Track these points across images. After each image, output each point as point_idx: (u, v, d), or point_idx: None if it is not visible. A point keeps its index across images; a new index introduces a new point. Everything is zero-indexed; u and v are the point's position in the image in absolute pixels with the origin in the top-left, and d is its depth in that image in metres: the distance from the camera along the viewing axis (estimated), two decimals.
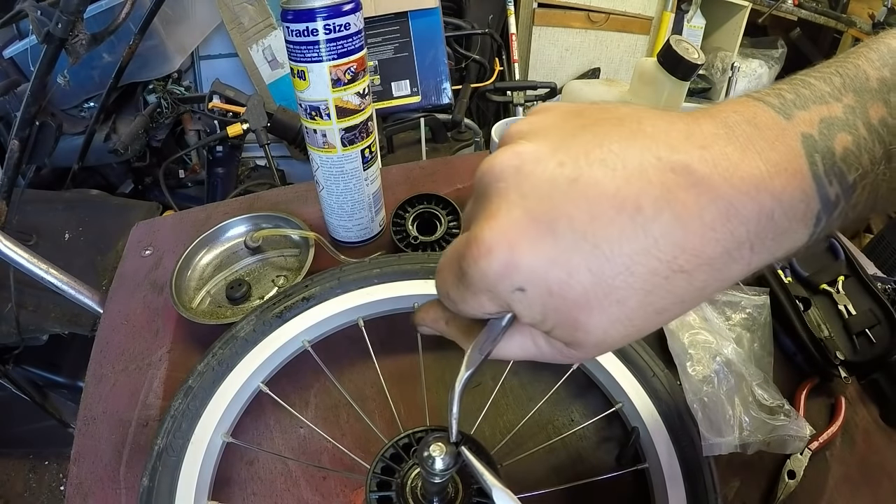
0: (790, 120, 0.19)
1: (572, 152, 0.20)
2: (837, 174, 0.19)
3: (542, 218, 0.19)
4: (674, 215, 0.19)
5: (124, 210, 1.15)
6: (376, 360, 0.46)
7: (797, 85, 0.20)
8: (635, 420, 0.43)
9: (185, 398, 0.42)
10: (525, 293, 0.20)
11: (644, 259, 0.19)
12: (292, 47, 0.47)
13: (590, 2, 1.93)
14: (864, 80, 0.20)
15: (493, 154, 0.22)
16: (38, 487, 1.38)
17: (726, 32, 2.14)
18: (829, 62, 0.21)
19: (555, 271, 0.20)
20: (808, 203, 0.19)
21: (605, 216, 0.19)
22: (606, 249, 0.19)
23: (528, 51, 2.02)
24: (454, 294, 0.23)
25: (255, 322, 0.46)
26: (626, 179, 0.19)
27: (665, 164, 0.19)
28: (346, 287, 0.49)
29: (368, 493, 0.36)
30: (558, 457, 0.44)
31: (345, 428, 0.47)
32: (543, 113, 0.23)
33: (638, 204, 0.19)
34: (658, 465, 0.40)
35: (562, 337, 0.22)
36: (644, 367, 0.45)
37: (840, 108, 0.19)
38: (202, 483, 0.40)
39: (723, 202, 0.19)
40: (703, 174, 0.19)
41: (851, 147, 0.19)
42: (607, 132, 0.20)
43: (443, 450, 0.30)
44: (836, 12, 1.99)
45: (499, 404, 0.47)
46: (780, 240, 0.20)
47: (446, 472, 0.30)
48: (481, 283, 0.21)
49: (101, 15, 1.22)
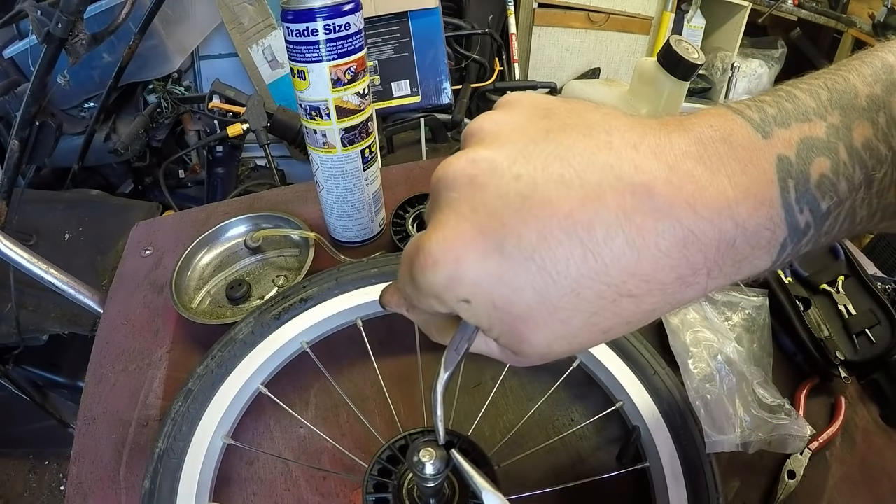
0: (768, 139, 0.18)
1: (531, 164, 0.19)
2: (810, 201, 0.18)
3: (491, 235, 0.19)
4: (627, 241, 0.18)
5: (124, 210, 1.15)
6: (375, 361, 0.46)
7: (781, 98, 0.19)
8: (636, 419, 0.43)
9: (185, 401, 0.42)
10: (470, 305, 0.20)
11: (591, 283, 0.19)
12: (292, 47, 0.47)
13: (590, 2, 1.93)
14: (852, 96, 0.19)
15: (449, 159, 0.21)
16: (38, 487, 1.38)
17: (726, 32, 2.14)
18: (820, 73, 0.20)
19: (500, 288, 0.19)
20: (774, 231, 0.18)
21: (555, 238, 0.18)
22: (553, 272, 0.19)
23: (528, 51, 2.01)
24: (408, 291, 0.23)
25: (254, 324, 0.46)
26: (580, 201, 0.18)
27: (626, 185, 0.18)
28: (344, 287, 0.49)
29: (365, 494, 0.36)
30: (558, 456, 0.44)
31: (345, 428, 0.47)
32: (509, 109, 0.22)
33: (590, 227, 0.18)
34: (659, 464, 0.40)
35: (507, 346, 0.22)
36: (645, 364, 0.44)
37: (823, 127, 0.18)
38: (203, 485, 0.40)
39: (681, 228, 0.18)
40: (664, 198, 0.18)
41: (829, 173, 0.18)
42: (572, 143, 0.19)
43: (432, 454, 0.30)
44: (836, 12, 1.99)
45: (499, 404, 0.47)
46: (739, 266, 0.19)
47: (437, 476, 0.30)
48: (429, 291, 0.21)
49: (101, 15, 1.22)
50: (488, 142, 0.21)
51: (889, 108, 0.18)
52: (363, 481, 0.37)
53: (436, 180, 0.21)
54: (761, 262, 0.19)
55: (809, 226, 0.19)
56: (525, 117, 0.21)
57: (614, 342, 0.46)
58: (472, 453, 0.38)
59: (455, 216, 0.20)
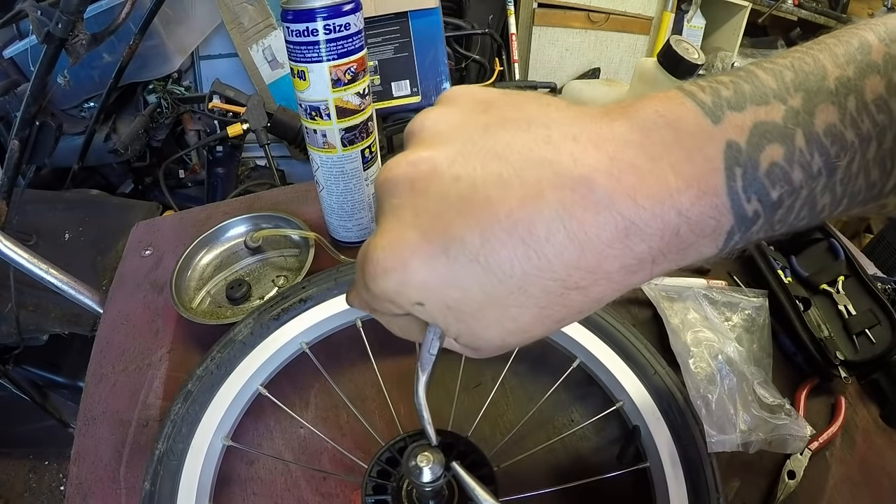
0: (718, 124, 0.18)
1: (469, 164, 0.19)
2: (758, 190, 0.18)
3: (435, 239, 0.19)
4: (568, 236, 0.18)
5: (124, 210, 1.15)
6: (375, 361, 0.46)
7: (740, 79, 0.18)
8: (636, 419, 0.43)
9: (184, 402, 0.42)
10: (424, 307, 0.20)
11: (537, 280, 0.19)
12: (292, 47, 0.47)
13: (590, 2, 1.93)
14: (820, 77, 0.17)
15: (389, 163, 0.21)
16: (38, 487, 1.38)
17: (726, 32, 2.14)
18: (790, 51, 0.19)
19: (449, 290, 0.20)
20: (719, 220, 0.18)
21: (497, 239, 0.18)
22: (498, 272, 0.19)
23: (528, 51, 2.01)
24: (364, 296, 0.22)
25: (253, 325, 0.46)
26: (520, 200, 0.18)
27: (565, 180, 0.18)
28: (343, 288, 0.49)
29: (365, 496, 0.36)
30: (558, 456, 0.44)
31: (345, 428, 0.47)
32: (448, 105, 0.22)
33: (531, 226, 0.18)
34: (659, 463, 0.40)
35: (466, 343, 0.22)
36: (645, 364, 0.44)
37: (781, 111, 0.17)
38: (203, 487, 0.40)
39: (622, 220, 0.18)
40: (604, 190, 0.18)
41: (781, 161, 0.17)
42: (511, 139, 0.19)
43: (430, 459, 0.30)
44: (836, 12, 1.99)
45: (499, 404, 0.47)
46: (684, 253, 0.19)
47: (435, 483, 0.30)
48: (382, 296, 0.21)
49: (102, 15, 1.22)
50: (428, 141, 0.21)
51: (860, 92, 0.17)
52: (362, 483, 0.37)
53: (378, 186, 0.21)
54: (707, 249, 0.19)
55: (759, 214, 0.18)
56: (464, 113, 0.21)
57: (615, 342, 0.46)
58: (471, 454, 0.37)
59: (399, 222, 0.20)
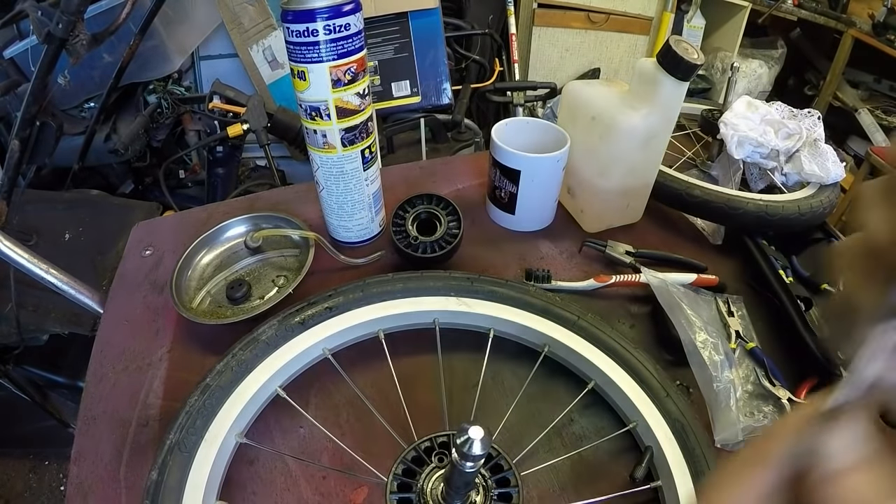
0: None
1: None
2: None
3: None
4: None
5: (124, 210, 1.15)
6: (395, 372, 0.46)
7: None
8: (649, 439, 0.43)
9: (201, 395, 0.42)
10: None
11: None
12: (292, 48, 0.47)
13: (590, 2, 1.94)
14: None
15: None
16: (38, 487, 1.38)
17: (726, 32, 2.14)
18: None
19: None
20: None
21: None
22: None
23: (528, 51, 2.02)
24: None
25: (278, 327, 0.47)
26: None
27: None
28: (370, 299, 0.49)
29: (388, 494, 0.36)
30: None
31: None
32: None
33: None
34: (672, 483, 0.40)
35: None
36: (657, 387, 0.45)
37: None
38: (212, 482, 0.39)
39: None
40: None
41: None
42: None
43: (481, 431, 0.30)
44: (836, 12, 1.99)
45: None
46: None
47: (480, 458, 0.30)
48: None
49: (102, 15, 1.22)
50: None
51: None
52: (387, 481, 0.37)
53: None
54: None
55: None
56: None
57: (628, 366, 0.46)
58: (495, 457, 0.39)
59: None
